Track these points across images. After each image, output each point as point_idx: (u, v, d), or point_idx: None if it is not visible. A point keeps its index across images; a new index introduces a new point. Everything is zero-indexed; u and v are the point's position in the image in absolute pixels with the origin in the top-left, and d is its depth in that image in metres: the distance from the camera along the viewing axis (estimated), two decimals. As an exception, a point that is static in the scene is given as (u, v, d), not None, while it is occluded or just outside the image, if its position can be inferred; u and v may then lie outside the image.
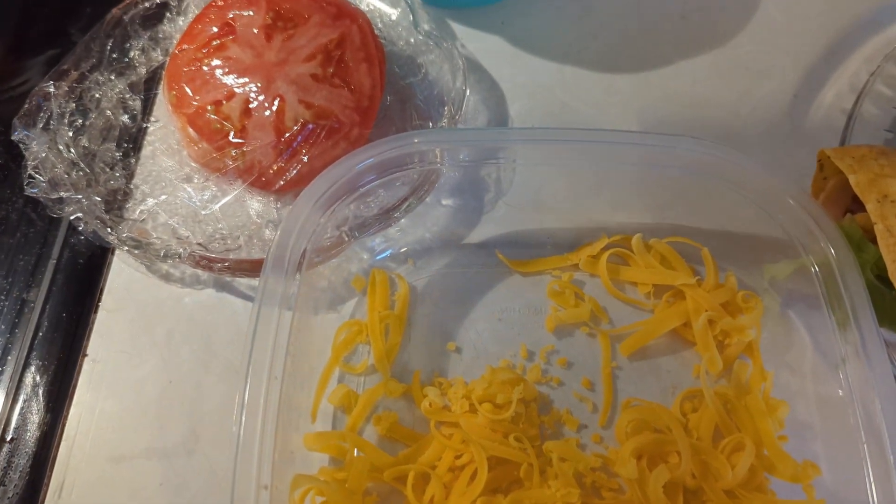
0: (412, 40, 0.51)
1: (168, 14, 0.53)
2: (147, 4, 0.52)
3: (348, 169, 0.38)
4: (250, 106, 0.45)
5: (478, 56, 0.52)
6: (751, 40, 0.53)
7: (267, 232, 0.45)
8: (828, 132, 0.48)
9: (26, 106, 0.46)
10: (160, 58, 0.52)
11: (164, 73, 0.48)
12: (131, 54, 0.51)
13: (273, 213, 0.46)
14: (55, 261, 0.47)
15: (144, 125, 0.50)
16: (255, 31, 0.47)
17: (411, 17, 0.51)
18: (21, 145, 0.44)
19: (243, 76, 0.46)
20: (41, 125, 0.46)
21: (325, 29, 0.47)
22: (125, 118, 0.49)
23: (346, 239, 0.42)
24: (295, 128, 0.45)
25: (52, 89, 0.47)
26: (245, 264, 0.42)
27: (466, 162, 0.40)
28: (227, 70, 0.46)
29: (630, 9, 0.55)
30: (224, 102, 0.46)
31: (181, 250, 0.42)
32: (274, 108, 0.45)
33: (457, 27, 0.54)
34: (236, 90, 0.46)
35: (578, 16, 0.54)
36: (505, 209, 0.46)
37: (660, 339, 0.42)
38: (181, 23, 0.53)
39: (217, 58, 0.46)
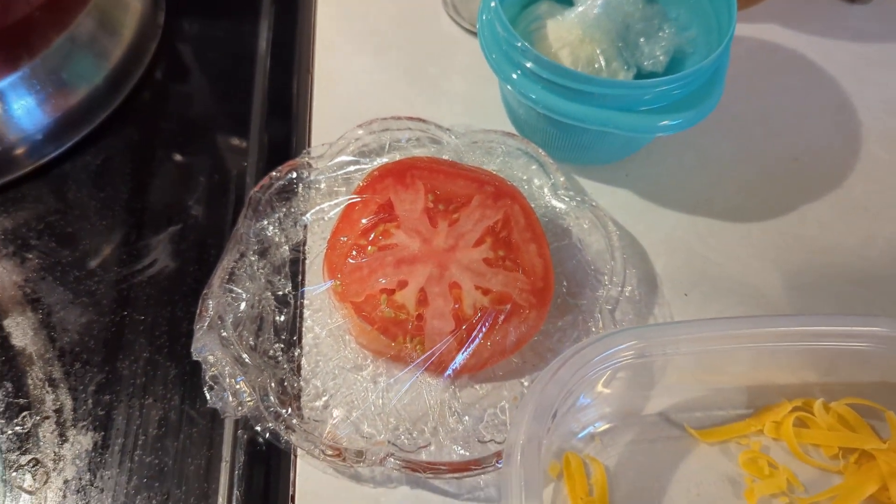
0: (554, 204, 0.52)
1: (301, 187, 0.53)
2: (282, 182, 0.52)
3: (575, 368, 0.38)
4: (426, 294, 0.45)
5: (612, 211, 0.53)
6: (863, 179, 0.56)
7: (451, 420, 0.45)
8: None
9: (199, 313, 0.45)
10: (299, 234, 0.52)
11: (322, 261, 0.48)
12: (270, 232, 0.51)
13: (453, 400, 0.46)
14: (228, 463, 0.45)
15: (298, 311, 0.49)
16: (418, 216, 0.47)
17: (550, 180, 0.52)
18: (200, 360, 0.43)
19: (414, 264, 0.46)
20: (206, 326, 0.45)
21: (488, 210, 0.47)
22: (277, 304, 0.49)
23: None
24: (476, 316, 0.44)
25: (216, 289, 0.46)
26: (458, 467, 0.42)
27: (667, 354, 0.41)
28: (396, 258, 0.46)
29: (744, 154, 0.57)
30: (397, 291, 0.45)
31: (383, 456, 0.42)
32: (451, 295, 0.45)
33: (584, 182, 0.55)
34: (410, 278, 0.45)
35: (697, 164, 0.56)
36: (677, 374, 0.47)
37: (858, 505, 0.43)
38: (313, 194, 0.53)
39: (383, 245, 0.46)
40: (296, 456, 0.45)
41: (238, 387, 0.43)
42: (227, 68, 0.63)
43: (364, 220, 0.47)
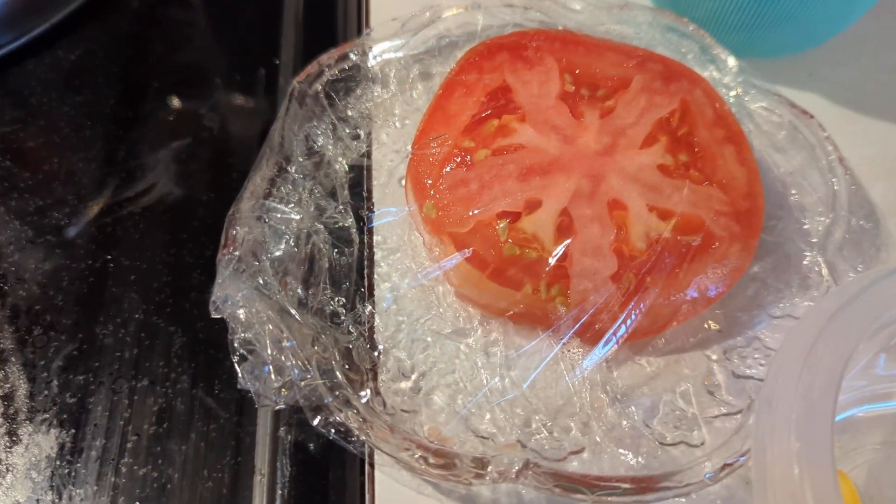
0: (731, 98, 0.36)
1: (361, 80, 0.36)
2: (335, 71, 0.36)
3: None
4: (572, 219, 0.29)
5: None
6: None
7: (610, 413, 0.29)
8: None
9: (223, 245, 0.28)
10: (361, 145, 0.36)
11: (405, 175, 0.32)
12: (320, 141, 0.35)
13: (609, 382, 0.29)
14: (265, 477, 0.29)
15: (366, 251, 0.33)
16: (553, 103, 0.31)
17: (720, 69, 0.36)
18: (225, 318, 0.27)
19: (551, 174, 0.30)
20: (231, 268, 0.29)
21: (657, 96, 0.31)
22: (334, 241, 0.32)
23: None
24: (651, 251, 0.28)
25: (246, 212, 0.30)
26: (640, 484, 0.25)
27: None
28: (521, 166, 0.30)
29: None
30: (524, 216, 0.29)
31: (517, 467, 0.25)
32: (612, 220, 0.29)
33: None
34: (544, 196, 0.29)
35: (900, 63, 0.41)
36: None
37: None
38: (379, 91, 0.37)
39: (500, 147, 0.30)
40: (372, 466, 0.28)
41: (284, 359, 0.27)
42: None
43: (467, 114, 0.31)
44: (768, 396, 0.24)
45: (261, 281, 0.29)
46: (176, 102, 0.40)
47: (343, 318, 0.31)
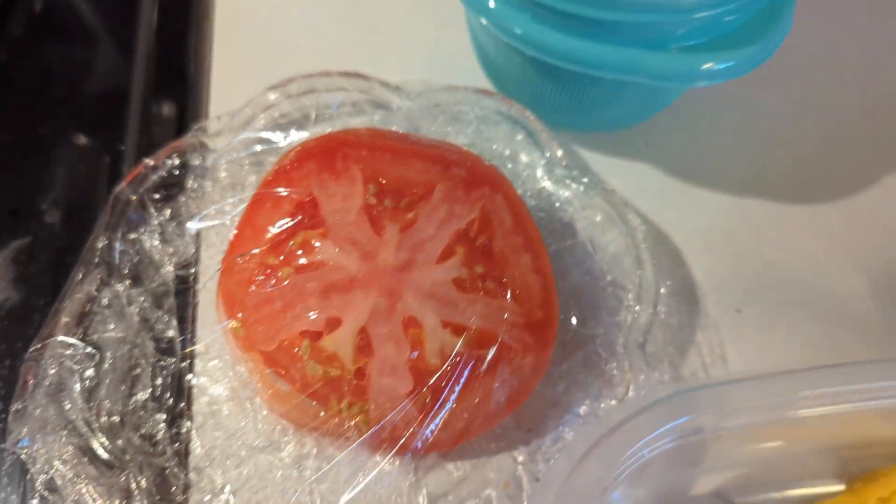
0: (550, 189, 0.37)
1: (192, 179, 0.37)
2: (162, 173, 0.36)
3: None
4: (370, 338, 0.30)
5: (629, 195, 0.38)
6: (964, 140, 0.41)
7: (415, 522, 0.30)
8: None
9: (22, 384, 0.29)
10: (190, 247, 0.36)
11: (217, 292, 0.32)
12: (147, 246, 0.35)
13: (416, 490, 0.31)
14: None
15: (186, 363, 0.34)
16: (354, 217, 0.31)
17: (544, 156, 0.37)
18: (24, 456, 0.28)
19: (351, 292, 0.30)
20: (39, 396, 0.29)
21: (457, 205, 0.32)
22: (158, 355, 0.33)
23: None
24: (445, 367, 0.29)
25: (55, 341, 0.30)
26: None
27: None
28: (322, 284, 0.30)
29: (802, 109, 0.42)
30: (325, 335, 0.30)
31: None
32: (407, 338, 0.30)
33: (589, 156, 0.40)
34: (344, 315, 0.30)
35: (742, 126, 0.41)
36: (738, 438, 0.32)
37: None
38: (209, 189, 0.37)
39: (303, 265, 0.31)
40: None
41: (87, 495, 0.28)
42: (100, 18, 0.47)
43: (274, 228, 0.31)
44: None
45: (66, 410, 0.30)
46: (14, 196, 0.40)
47: (160, 437, 0.32)
